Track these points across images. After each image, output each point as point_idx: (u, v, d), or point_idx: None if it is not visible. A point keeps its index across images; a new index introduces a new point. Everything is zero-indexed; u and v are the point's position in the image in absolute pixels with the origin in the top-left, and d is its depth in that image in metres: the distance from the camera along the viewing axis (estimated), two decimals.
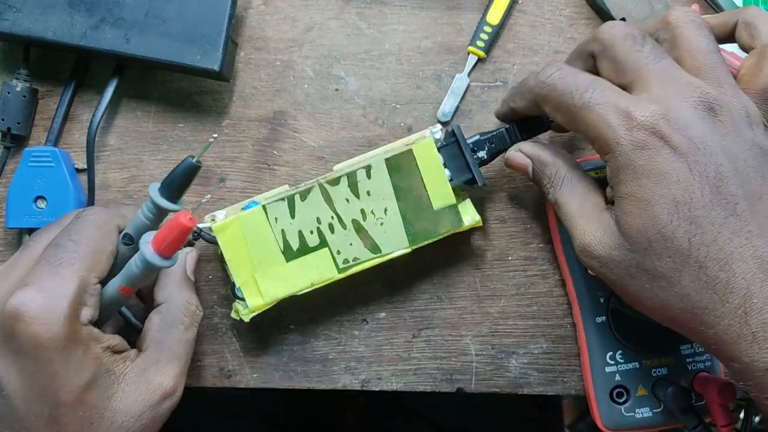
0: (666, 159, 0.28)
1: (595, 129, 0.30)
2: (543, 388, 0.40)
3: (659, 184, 0.28)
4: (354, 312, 0.40)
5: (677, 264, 0.28)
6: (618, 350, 0.38)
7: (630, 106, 0.29)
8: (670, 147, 0.28)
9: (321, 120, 0.41)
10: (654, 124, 0.28)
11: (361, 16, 0.41)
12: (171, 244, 0.29)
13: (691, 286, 0.28)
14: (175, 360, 0.34)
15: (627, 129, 0.29)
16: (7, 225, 0.39)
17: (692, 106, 0.29)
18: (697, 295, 0.28)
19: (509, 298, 0.41)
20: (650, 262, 0.29)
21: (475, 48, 0.40)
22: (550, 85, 0.31)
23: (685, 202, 0.28)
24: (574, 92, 0.30)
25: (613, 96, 0.30)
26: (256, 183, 0.41)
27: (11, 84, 0.39)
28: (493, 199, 0.41)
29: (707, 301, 0.28)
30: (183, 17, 0.37)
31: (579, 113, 0.30)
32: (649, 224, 0.28)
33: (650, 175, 0.28)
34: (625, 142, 0.29)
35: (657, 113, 0.28)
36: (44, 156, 0.39)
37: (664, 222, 0.28)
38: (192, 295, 0.36)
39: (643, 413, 0.38)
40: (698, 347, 0.38)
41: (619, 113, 0.29)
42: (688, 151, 0.28)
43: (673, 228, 0.28)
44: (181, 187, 0.30)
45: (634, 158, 0.28)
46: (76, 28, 0.37)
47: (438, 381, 0.41)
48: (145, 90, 0.41)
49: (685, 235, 0.28)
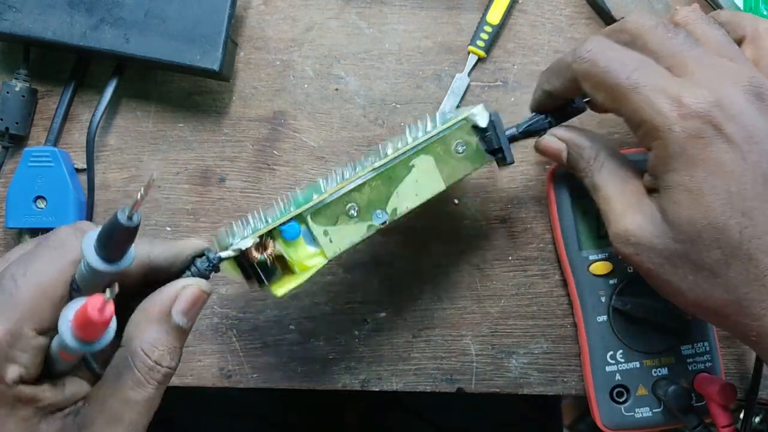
0: (720, 149, 0.27)
1: (644, 113, 0.28)
2: (543, 388, 0.40)
3: (713, 174, 0.27)
4: (354, 312, 0.40)
5: (726, 256, 0.27)
6: (619, 350, 0.38)
7: (681, 91, 0.28)
8: (724, 136, 0.27)
9: (321, 120, 0.41)
10: (708, 112, 0.27)
11: (361, 16, 0.41)
12: (86, 332, 0.23)
13: (739, 278, 0.27)
14: (113, 425, 0.25)
15: (680, 116, 0.27)
16: (6, 225, 0.39)
17: (743, 92, 0.28)
18: (744, 287, 0.27)
19: (509, 298, 0.41)
20: (697, 254, 0.28)
21: (475, 48, 0.40)
22: (591, 61, 0.30)
23: (738, 193, 0.27)
24: (619, 70, 0.29)
25: (661, 79, 0.28)
26: (256, 183, 0.41)
27: (11, 84, 0.39)
28: (493, 199, 0.41)
29: (755, 294, 0.27)
30: (183, 17, 0.37)
31: (625, 94, 0.29)
32: (699, 215, 0.27)
33: (704, 165, 0.27)
34: (678, 129, 0.27)
35: (710, 100, 0.27)
36: (44, 156, 0.38)
37: (716, 213, 0.27)
38: (162, 337, 0.26)
39: (643, 413, 0.38)
40: (699, 347, 0.38)
41: (669, 98, 0.28)
42: (742, 140, 0.27)
43: (725, 219, 0.27)
44: (113, 246, 0.24)
45: (687, 147, 0.27)
46: (76, 28, 0.37)
47: (438, 381, 0.40)
48: (145, 90, 0.41)
49: (737, 226, 0.27)
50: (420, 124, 0.35)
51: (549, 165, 0.40)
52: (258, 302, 0.40)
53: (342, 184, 0.32)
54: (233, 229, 0.31)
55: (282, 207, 0.33)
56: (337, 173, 0.33)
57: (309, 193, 0.33)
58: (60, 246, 0.26)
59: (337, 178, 0.33)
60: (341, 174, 0.33)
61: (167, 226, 0.41)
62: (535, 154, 0.40)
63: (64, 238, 0.26)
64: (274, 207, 0.33)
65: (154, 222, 0.40)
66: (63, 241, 0.26)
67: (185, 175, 0.41)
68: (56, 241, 0.26)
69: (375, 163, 0.33)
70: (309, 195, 0.33)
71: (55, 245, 0.26)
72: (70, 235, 0.26)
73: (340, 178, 0.33)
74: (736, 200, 0.27)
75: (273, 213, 0.32)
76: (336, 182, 0.33)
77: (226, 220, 0.40)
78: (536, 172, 0.41)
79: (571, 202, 0.38)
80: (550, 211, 0.39)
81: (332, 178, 0.33)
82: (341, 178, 0.33)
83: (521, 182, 0.41)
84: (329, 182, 0.33)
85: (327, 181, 0.33)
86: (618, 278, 0.38)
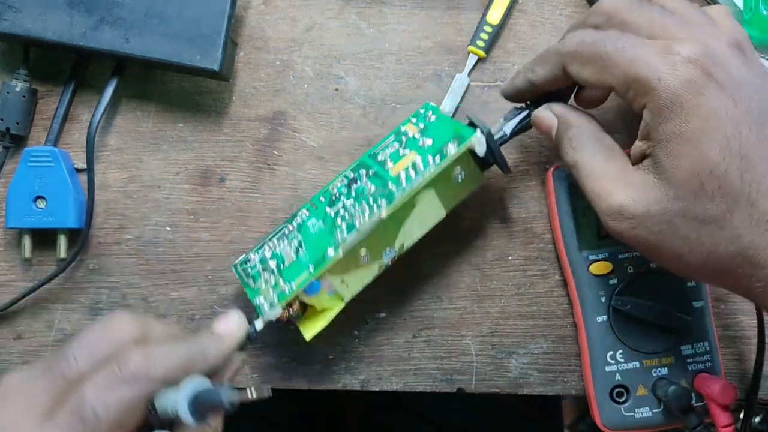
0: (713, 95, 0.27)
1: (634, 70, 0.28)
2: (543, 388, 0.40)
3: (709, 119, 0.27)
4: (354, 312, 0.40)
5: (729, 204, 0.27)
6: (619, 350, 0.38)
7: (669, 45, 0.28)
8: (715, 81, 0.27)
9: (321, 120, 0.41)
10: (698, 58, 0.27)
11: (361, 16, 0.41)
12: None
13: (744, 226, 0.27)
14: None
15: (671, 65, 0.28)
16: (6, 225, 0.39)
17: (726, 44, 0.28)
18: (749, 234, 0.27)
19: (509, 298, 0.41)
20: (700, 206, 0.28)
21: (475, 48, 0.40)
22: (579, 42, 0.31)
23: (735, 137, 0.27)
24: (606, 41, 0.29)
25: (647, 42, 0.29)
26: (256, 183, 0.41)
27: (10, 84, 0.39)
28: (493, 199, 0.41)
29: (759, 240, 0.27)
30: (182, 17, 0.37)
31: (614, 59, 0.29)
32: (700, 164, 0.27)
33: (699, 110, 0.27)
34: (670, 77, 0.27)
35: (698, 49, 0.28)
36: (44, 156, 0.38)
37: (716, 160, 0.27)
38: (217, 421, 0.30)
39: (643, 413, 0.38)
40: (699, 347, 0.38)
41: (658, 51, 0.28)
42: (732, 86, 0.27)
43: (726, 165, 0.27)
44: (206, 412, 0.28)
45: (681, 93, 0.27)
46: (76, 28, 0.37)
47: (438, 381, 0.40)
48: (145, 90, 0.41)
49: (738, 171, 0.27)
50: (412, 131, 0.36)
51: (549, 165, 0.40)
52: None
53: (354, 237, 0.34)
54: (258, 283, 0.36)
55: (296, 243, 0.36)
56: (345, 210, 0.36)
57: (322, 235, 0.35)
58: (133, 380, 0.27)
59: (345, 217, 0.35)
60: (345, 208, 0.36)
61: (167, 226, 0.41)
62: (535, 154, 0.41)
63: (135, 371, 0.28)
64: (287, 243, 0.36)
65: (154, 222, 0.40)
66: (135, 376, 0.27)
67: (185, 175, 0.41)
68: (129, 374, 0.27)
69: (382, 212, 0.34)
70: (323, 238, 0.35)
71: (128, 378, 0.27)
72: (141, 367, 0.28)
73: (348, 218, 0.35)
74: (734, 144, 0.27)
75: (286, 248, 0.36)
76: (344, 219, 0.35)
77: (226, 220, 0.41)
78: (536, 172, 0.41)
79: (571, 202, 0.38)
80: (550, 211, 0.39)
81: (341, 220, 0.35)
82: (349, 218, 0.35)
83: (521, 182, 0.41)
84: (340, 231, 0.35)
85: (338, 229, 0.35)
86: (618, 278, 0.38)
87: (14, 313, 0.41)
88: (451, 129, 0.36)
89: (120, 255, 0.41)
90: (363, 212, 0.35)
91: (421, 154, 0.35)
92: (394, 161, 0.36)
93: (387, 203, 0.34)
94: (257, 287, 0.36)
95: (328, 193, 0.37)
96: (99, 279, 0.41)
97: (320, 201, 0.37)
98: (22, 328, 0.41)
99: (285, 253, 0.36)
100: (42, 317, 0.41)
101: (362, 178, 0.36)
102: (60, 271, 0.39)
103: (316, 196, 0.38)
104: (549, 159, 0.40)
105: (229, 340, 0.32)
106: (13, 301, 0.40)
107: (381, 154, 0.37)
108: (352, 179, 0.37)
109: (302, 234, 0.36)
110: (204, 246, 0.40)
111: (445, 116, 0.37)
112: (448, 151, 0.34)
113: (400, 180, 0.35)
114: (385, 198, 0.34)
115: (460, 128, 0.35)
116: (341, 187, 0.37)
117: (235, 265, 0.38)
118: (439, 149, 0.35)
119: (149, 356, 0.28)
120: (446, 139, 0.35)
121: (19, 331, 0.41)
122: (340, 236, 0.34)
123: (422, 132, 0.37)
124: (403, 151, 0.36)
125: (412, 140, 0.36)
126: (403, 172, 0.35)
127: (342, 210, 0.36)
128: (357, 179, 0.36)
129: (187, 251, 0.41)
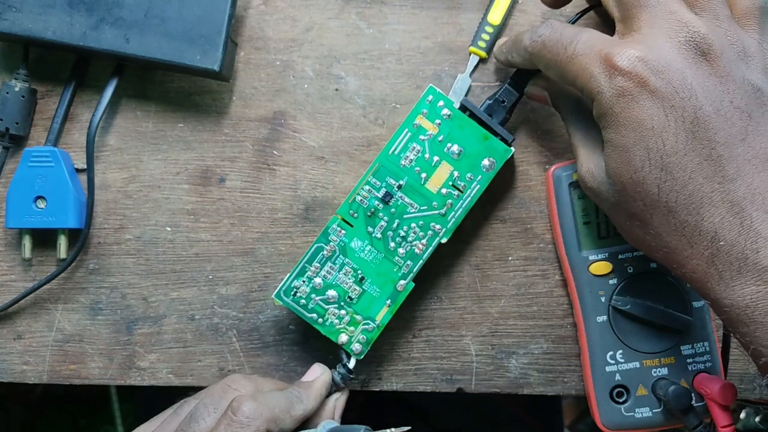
0: (642, 106, 0.28)
1: (579, 79, 0.30)
2: (543, 388, 0.40)
3: (634, 131, 0.28)
4: None
5: (648, 207, 0.29)
6: (619, 350, 0.38)
7: (612, 51, 0.29)
8: (648, 91, 0.28)
9: (321, 120, 0.41)
10: (632, 69, 0.28)
11: (361, 16, 0.41)
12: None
13: (662, 228, 0.29)
14: None
15: (607, 77, 0.29)
16: (6, 225, 0.39)
17: (676, 46, 0.28)
18: (667, 236, 0.29)
19: (509, 298, 0.41)
20: (626, 203, 0.30)
21: (476, 48, 0.40)
22: (541, 44, 0.32)
23: (657, 149, 0.28)
24: (560, 45, 0.31)
25: (596, 44, 0.30)
26: (256, 183, 0.41)
27: (10, 84, 0.39)
28: (493, 199, 0.41)
29: (676, 243, 0.29)
30: (183, 17, 0.37)
31: (565, 66, 0.31)
32: (623, 169, 0.29)
33: (626, 122, 0.28)
34: (605, 90, 0.29)
35: (636, 57, 0.28)
36: (44, 156, 0.38)
37: (635, 168, 0.29)
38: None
39: (643, 413, 0.38)
40: (699, 347, 0.38)
41: (600, 61, 0.29)
42: (666, 94, 0.28)
43: (644, 174, 0.28)
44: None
45: (613, 105, 0.29)
46: (76, 28, 0.37)
47: (438, 381, 0.40)
48: (145, 90, 0.41)
49: (655, 181, 0.28)
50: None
51: (549, 165, 0.40)
52: (258, 302, 0.40)
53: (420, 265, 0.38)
54: (326, 318, 0.37)
55: (350, 270, 0.37)
56: (392, 231, 0.37)
57: (383, 265, 0.37)
58: (249, 422, 0.32)
59: (399, 241, 0.37)
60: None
61: (167, 226, 0.41)
62: (535, 154, 0.41)
63: (249, 414, 0.32)
64: (336, 269, 0.37)
65: (154, 222, 0.40)
66: (250, 419, 0.32)
67: (185, 175, 0.41)
68: (245, 418, 0.32)
69: (443, 239, 0.37)
70: (384, 267, 0.37)
71: (245, 422, 0.32)
72: (254, 411, 0.32)
73: (404, 244, 0.37)
74: (654, 156, 0.28)
75: (342, 278, 0.37)
76: (398, 245, 0.37)
77: (226, 220, 0.41)
78: (536, 172, 0.41)
79: (571, 202, 0.38)
80: (550, 211, 0.39)
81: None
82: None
83: (521, 182, 0.41)
84: (403, 259, 0.37)
85: (397, 255, 0.37)
86: (618, 278, 0.38)
87: (14, 313, 0.41)
88: (475, 135, 0.37)
89: (120, 255, 0.41)
90: (419, 238, 0.37)
91: (454, 165, 0.37)
92: (427, 171, 0.37)
93: (443, 228, 0.37)
94: (329, 323, 0.37)
95: (358, 206, 0.37)
96: (99, 279, 0.41)
97: (353, 217, 0.37)
98: (22, 328, 0.41)
99: (343, 283, 0.37)
100: (42, 317, 0.41)
101: (394, 190, 0.37)
102: (60, 271, 0.39)
103: (344, 209, 0.37)
104: (549, 159, 0.41)
105: (317, 383, 0.37)
106: (13, 301, 0.40)
107: (404, 158, 0.37)
108: (386, 194, 0.37)
109: (351, 258, 0.37)
110: (204, 246, 0.40)
111: (458, 112, 0.37)
112: (485, 168, 0.37)
113: (445, 199, 0.37)
114: (439, 223, 0.37)
115: (486, 136, 0.37)
116: (372, 200, 0.37)
117: (279, 295, 0.37)
118: (473, 164, 0.37)
119: (258, 402, 0.32)
120: (476, 149, 0.37)
121: (19, 331, 0.41)
122: (405, 267, 0.37)
123: (442, 131, 0.37)
124: (430, 155, 0.37)
125: (435, 143, 0.37)
126: (444, 189, 0.37)
127: (390, 232, 0.37)
128: (391, 193, 0.37)
129: (187, 251, 0.41)
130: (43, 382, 0.41)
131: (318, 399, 0.36)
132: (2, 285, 0.41)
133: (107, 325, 0.41)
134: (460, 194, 0.37)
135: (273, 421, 0.32)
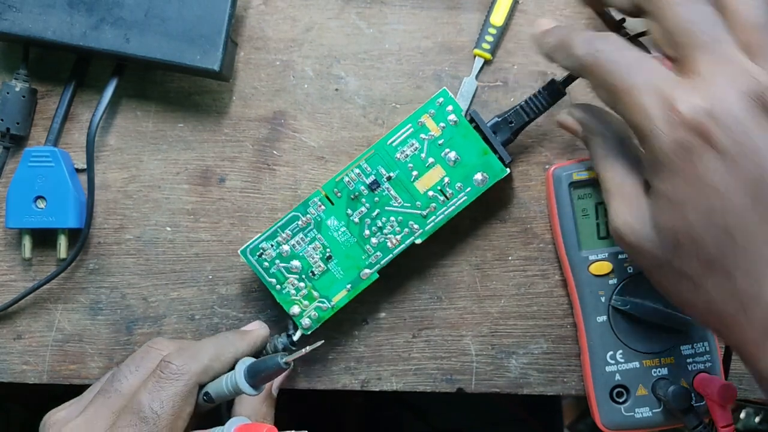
0: (706, 162, 0.26)
1: (635, 117, 0.28)
2: (543, 388, 0.40)
3: (693, 186, 0.26)
4: (354, 312, 0.40)
5: (704, 270, 0.27)
6: (619, 350, 0.38)
7: (675, 95, 0.26)
8: (712, 148, 0.26)
9: (321, 120, 0.41)
10: (698, 122, 0.26)
11: (361, 16, 0.41)
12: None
13: (716, 292, 0.27)
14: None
15: (668, 122, 0.26)
16: (6, 225, 0.39)
17: (742, 98, 0.26)
18: (721, 302, 0.27)
19: (509, 298, 0.41)
20: (678, 262, 0.28)
21: (481, 50, 0.40)
22: (597, 61, 0.29)
23: (719, 209, 0.26)
24: (617, 72, 0.28)
25: (658, 82, 0.27)
26: (256, 183, 0.41)
27: (10, 84, 0.39)
28: (494, 199, 0.41)
29: (731, 310, 0.27)
30: (183, 17, 0.37)
31: (620, 95, 0.28)
32: (679, 226, 0.27)
33: (687, 177, 0.26)
34: (665, 138, 0.26)
35: (702, 109, 0.26)
36: (44, 156, 0.38)
37: (695, 227, 0.27)
38: (270, 411, 0.37)
39: (643, 413, 0.38)
40: (699, 347, 0.38)
41: (661, 103, 0.27)
42: (731, 153, 0.26)
43: (704, 234, 0.26)
44: (265, 380, 0.33)
45: (672, 157, 0.27)
46: (76, 28, 0.37)
47: (438, 381, 0.40)
48: (145, 90, 0.41)
49: (715, 242, 0.26)
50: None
51: (549, 165, 0.40)
52: (258, 302, 0.40)
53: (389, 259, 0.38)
54: (285, 287, 0.37)
55: (320, 247, 0.37)
56: (370, 220, 0.37)
57: (353, 250, 0.37)
58: (177, 377, 0.33)
59: (374, 231, 0.37)
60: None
61: (167, 226, 0.41)
62: (535, 154, 0.41)
63: (176, 370, 0.33)
64: (307, 242, 0.37)
65: (154, 222, 0.40)
66: (177, 373, 0.33)
67: (185, 175, 0.41)
68: (173, 373, 0.33)
69: (417, 239, 0.37)
70: (353, 252, 0.37)
71: (173, 376, 0.33)
72: (181, 365, 0.33)
73: (379, 235, 0.37)
74: (717, 217, 0.26)
75: (310, 251, 0.37)
76: (372, 234, 0.37)
77: (226, 220, 0.41)
78: (536, 172, 0.41)
79: (571, 202, 0.38)
80: (550, 211, 0.39)
81: None
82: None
83: (521, 182, 0.41)
84: (373, 249, 0.37)
85: (369, 245, 0.37)
86: (618, 278, 0.38)
87: (14, 313, 0.41)
88: (475, 147, 0.37)
89: (120, 255, 0.41)
90: (394, 233, 0.37)
91: (447, 171, 0.37)
92: (419, 170, 0.37)
93: (420, 229, 0.37)
94: (285, 291, 0.37)
95: (344, 186, 0.37)
96: (99, 279, 0.41)
97: (336, 196, 0.37)
98: (22, 328, 0.41)
99: (309, 256, 0.37)
100: (42, 317, 0.41)
101: (383, 180, 0.37)
102: (60, 271, 0.39)
103: (329, 186, 0.37)
104: (549, 159, 0.41)
105: (253, 333, 0.37)
106: (13, 301, 0.40)
107: (400, 152, 0.37)
108: (373, 182, 0.37)
109: (324, 235, 0.37)
110: (204, 246, 0.40)
111: (465, 121, 0.37)
112: (476, 182, 0.37)
113: (429, 202, 0.37)
114: (418, 223, 0.37)
115: (486, 151, 0.37)
116: (359, 185, 0.37)
117: (245, 252, 0.37)
118: (466, 175, 0.37)
119: (184, 356, 0.33)
120: (473, 161, 0.37)
121: (19, 331, 0.41)
122: (374, 257, 0.37)
123: (444, 135, 0.37)
124: (425, 155, 0.37)
125: (434, 145, 0.37)
126: (431, 192, 0.37)
127: (368, 220, 0.37)
128: (379, 183, 0.37)
129: (187, 251, 0.41)
130: (43, 382, 0.41)
131: (250, 346, 0.36)
132: (2, 285, 0.41)
133: (107, 325, 0.41)
134: (445, 201, 0.37)
135: (204, 373, 0.33)
